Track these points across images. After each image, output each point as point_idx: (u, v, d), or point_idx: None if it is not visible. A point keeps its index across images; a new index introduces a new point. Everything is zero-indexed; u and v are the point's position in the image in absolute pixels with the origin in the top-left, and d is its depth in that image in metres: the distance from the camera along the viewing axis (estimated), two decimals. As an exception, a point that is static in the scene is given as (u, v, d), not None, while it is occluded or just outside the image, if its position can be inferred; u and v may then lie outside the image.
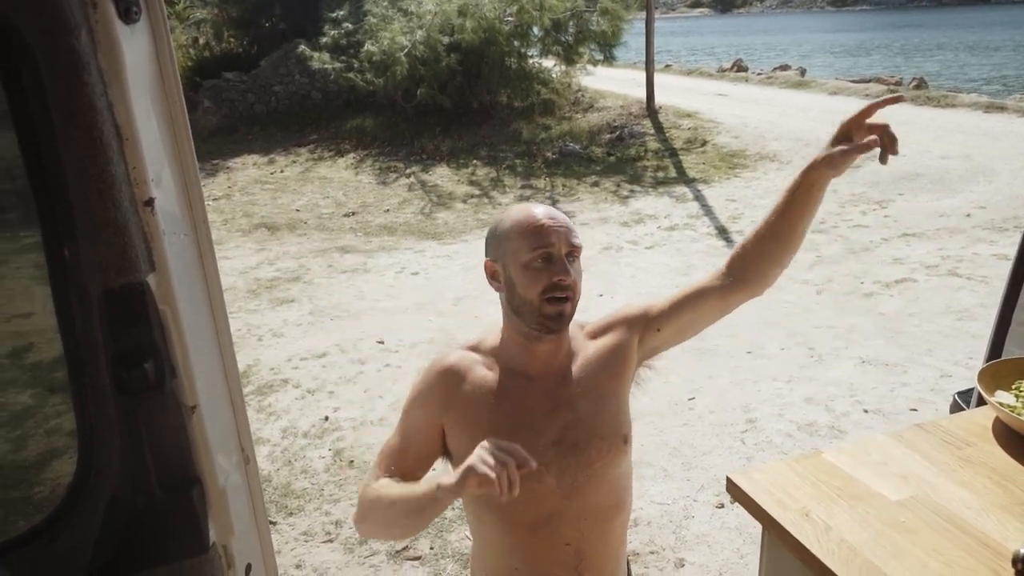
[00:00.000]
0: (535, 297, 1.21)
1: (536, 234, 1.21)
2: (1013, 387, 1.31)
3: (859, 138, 1.21)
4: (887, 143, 1.18)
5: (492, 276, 1.28)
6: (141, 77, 0.78)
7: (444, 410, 1.26)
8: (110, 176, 0.75)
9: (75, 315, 0.81)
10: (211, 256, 0.91)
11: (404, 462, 1.28)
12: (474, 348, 1.32)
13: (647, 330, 1.38)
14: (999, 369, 1.35)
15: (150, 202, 0.79)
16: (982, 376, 1.30)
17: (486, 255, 1.30)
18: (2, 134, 0.86)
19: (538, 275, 1.21)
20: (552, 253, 1.21)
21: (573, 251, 1.24)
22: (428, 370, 1.31)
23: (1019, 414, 1.23)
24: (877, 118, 1.22)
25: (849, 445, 1.28)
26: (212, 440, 0.89)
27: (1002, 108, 11.40)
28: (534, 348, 1.26)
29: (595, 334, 1.38)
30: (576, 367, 1.30)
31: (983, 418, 1.32)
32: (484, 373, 1.27)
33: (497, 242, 1.26)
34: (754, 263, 1.34)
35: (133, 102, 0.76)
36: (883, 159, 1.20)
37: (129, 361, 0.81)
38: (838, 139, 1.25)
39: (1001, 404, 1.25)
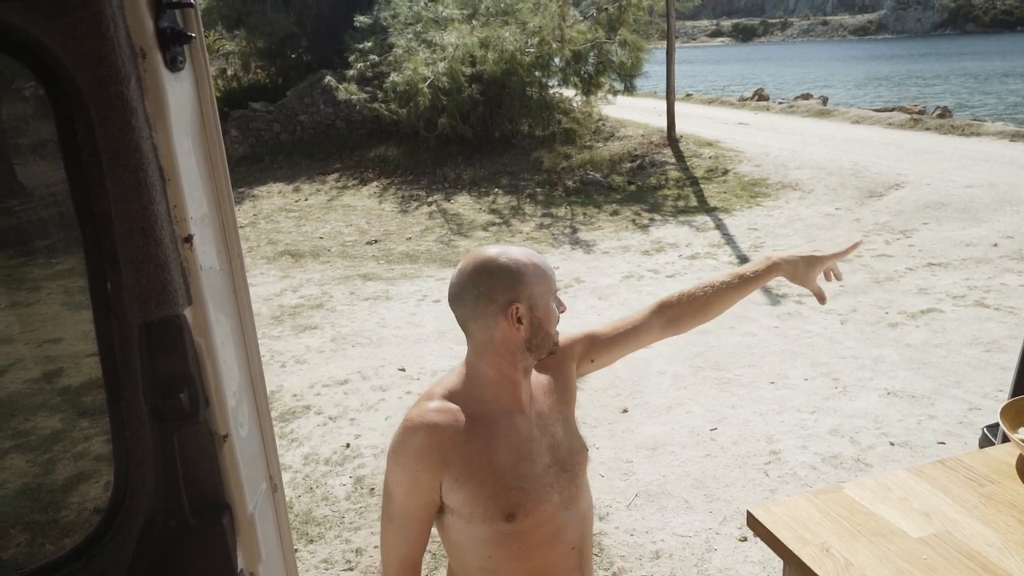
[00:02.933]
0: (553, 331, 1.32)
1: (552, 277, 1.32)
2: (1036, 424, 1.29)
3: (821, 268, 1.53)
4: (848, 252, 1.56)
5: (518, 320, 1.27)
6: (184, 121, 0.83)
7: (444, 466, 1.25)
8: (153, 214, 0.79)
9: (115, 345, 0.85)
10: (245, 291, 0.95)
11: (414, 547, 1.32)
12: (447, 397, 1.31)
13: (583, 360, 1.48)
14: (1023, 405, 1.34)
15: (189, 239, 0.83)
16: (1005, 412, 1.29)
17: (498, 299, 1.26)
18: (33, 163, 0.91)
19: (555, 312, 1.32)
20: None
21: None
22: (411, 429, 1.27)
23: (1042, 452, 1.22)
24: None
25: (871, 480, 1.27)
26: (242, 468, 0.92)
27: (1028, 137, 11.28)
28: (520, 382, 1.33)
29: (552, 358, 1.43)
30: (542, 394, 1.39)
31: (1007, 455, 1.30)
32: (471, 419, 1.28)
33: (521, 285, 1.26)
34: (684, 318, 1.51)
35: (176, 145, 0.81)
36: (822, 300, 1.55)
37: (165, 390, 0.85)
38: (806, 259, 1.51)
39: (1024, 441, 1.24)
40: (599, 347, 1.47)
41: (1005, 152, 10.44)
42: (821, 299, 1.53)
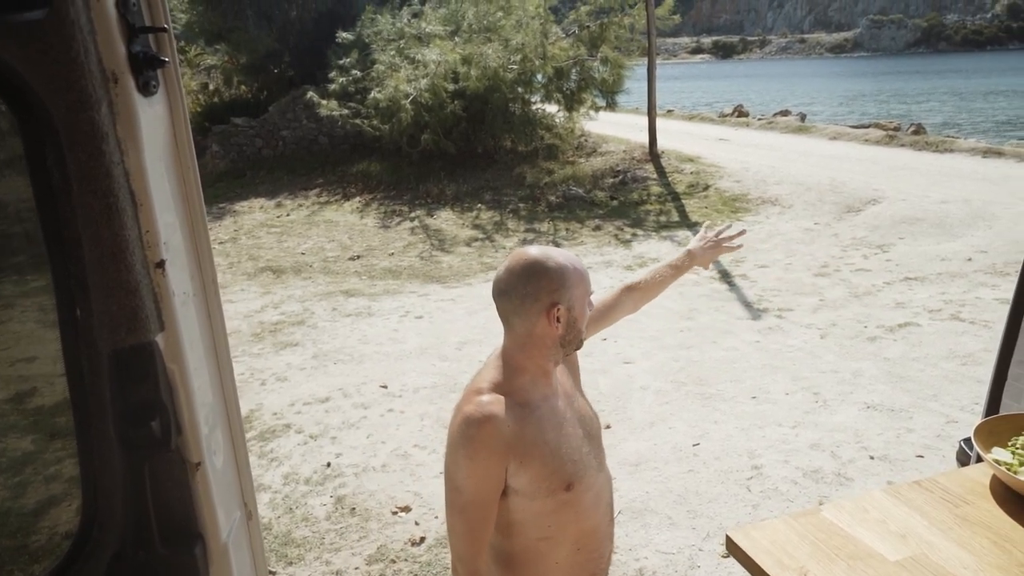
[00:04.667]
0: (583, 329, 1.47)
1: (589, 280, 1.47)
2: (1009, 444, 1.30)
3: (719, 254, 1.97)
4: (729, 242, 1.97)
5: (556, 320, 1.39)
6: (157, 145, 0.82)
7: (508, 452, 1.36)
8: (124, 240, 0.78)
9: (84, 372, 0.83)
10: (219, 315, 0.93)
11: (487, 531, 1.41)
12: (495, 390, 1.40)
13: None
14: (996, 425, 1.34)
15: (161, 264, 0.82)
16: (979, 432, 1.30)
17: (542, 299, 1.37)
18: (8, 177, 0.89)
19: (587, 312, 1.47)
20: None
21: None
22: (476, 427, 1.35)
23: (1016, 472, 1.23)
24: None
25: (848, 502, 1.27)
26: (215, 496, 0.90)
27: (1000, 153, 11.53)
28: (552, 371, 1.47)
29: None
30: (562, 378, 1.55)
31: (981, 475, 1.31)
32: (521, 406, 1.39)
33: (564, 288, 1.39)
34: (640, 300, 1.84)
35: (148, 169, 0.80)
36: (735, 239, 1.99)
37: (136, 418, 0.83)
38: (712, 249, 1.94)
39: (997, 462, 1.25)
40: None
41: (977, 168, 10.64)
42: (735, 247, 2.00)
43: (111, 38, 0.74)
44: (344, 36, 12.88)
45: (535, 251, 1.40)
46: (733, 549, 1.23)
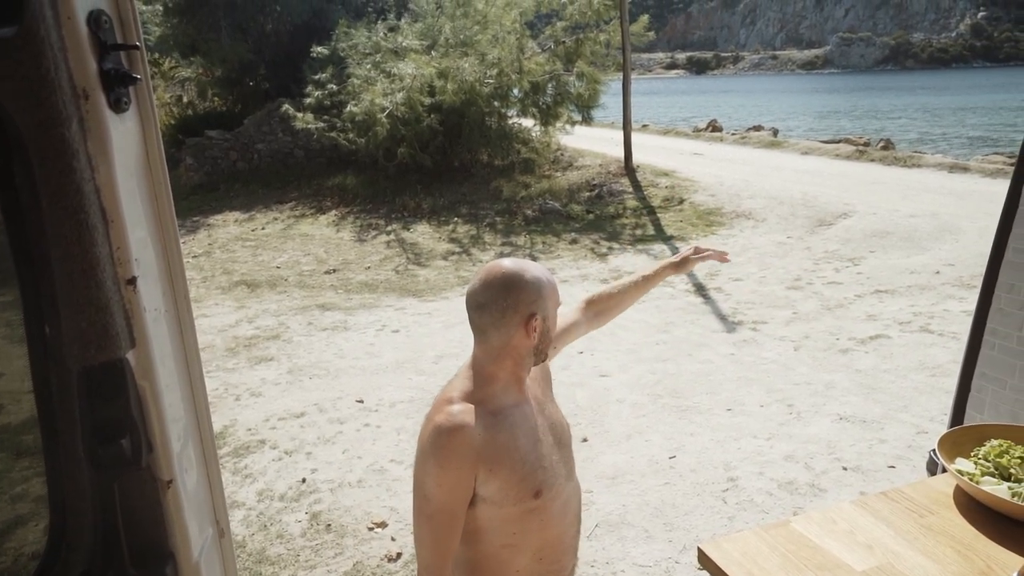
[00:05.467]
0: (552, 338, 1.49)
1: (558, 290, 1.48)
2: (972, 454, 1.33)
3: (693, 267, 1.86)
4: (718, 256, 1.85)
5: (533, 330, 1.42)
6: (128, 161, 0.82)
7: (479, 461, 1.37)
8: (94, 257, 0.77)
9: (52, 390, 0.82)
10: (191, 332, 0.93)
11: (453, 540, 1.41)
12: (465, 399, 1.42)
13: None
14: (959, 436, 1.38)
15: (132, 281, 0.81)
16: (943, 443, 1.33)
17: (521, 311, 1.40)
18: None
19: (556, 322, 1.50)
20: None
21: None
22: (446, 436, 1.36)
23: (978, 482, 1.26)
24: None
25: (817, 514, 1.29)
26: (187, 515, 0.90)
27: (965, 168, 11.82)
28: (524, 378, 1.48)
29: None
30: (533, 385, 1.55)
31: (945, 485, 1.34)
32: (491, 416, 1.40)
33: (541, 300, 1.42)
34: (606, 312, 1.81)
35: (119, 185, 0.79)
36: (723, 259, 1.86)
37: (106, 436, 0.82)
38: (686, 262, 1.85)
39: (961, 472, 1.28)
40: (556, 341, 1.65)
41: (944, 183, 10.90)
42: (712, 258, 1.88)
43: (82, 55, 0.74)
44: (319, 50, 12.87)
45: (510, 264, 1.42)
46: (705, 562, 1.25)
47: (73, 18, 0.72)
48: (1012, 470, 1.26)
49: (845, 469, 3.76)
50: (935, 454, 2.33)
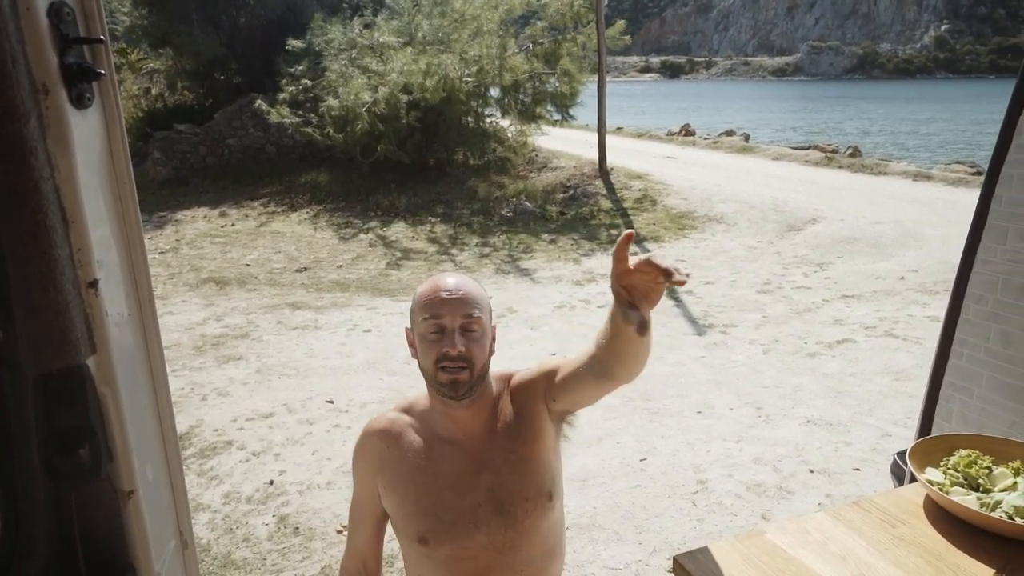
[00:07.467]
0: (431, 366, 1.28)
1: (430, 306, 1.27)
2: (941, 464, 1.35)
3: (636, 281, 1.10)
4: (665, 276, 1.04)
5: (410, 344, 1.35)
6: (91, 160, 0.78)
7: (379, 471, 1.35)
8: (52, 258, 0.74)
9: (7, 397, 0.79)
10: (156, 336, 0.90)
11: (363, 539, 1.43)
12: (406, 410, 1.40)
13: (547, 400, 1.38)
14: (929, 446, 1.40)
15: (94, 284, 0.78)
16: (913, 453, 1.35)
17: (410, 323, 1.37)
18: None
19: (432, 346, 1.27)
20: (444, 325, 1.26)
21: (469, 323, 1.27)
22: (364, 433, 1.42)
23: (947, 492, 1.28)
24: (634, 262, 1.09)
25: (791, 524, 1.30)
26: (149, 526, 0.86)
27: (928, 177, 12.09)
28: (452, 413, 1.32)
29: (515, 392, 1.38)
30: (498, 430, 1.34)
31: (915, 495, 1.36)
32: (413, 436, 1.35)
33: (411, 312, 1.34)
34: (613, 364, 1.24)
35: (81, 185, 0.76)
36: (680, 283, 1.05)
37: (63, 445, 0.79)
38: (619, 294, 1.13)
39: (931, 482, 1.30)
40: (556, 387, 1.34)
41: (908, 191, 11.13)
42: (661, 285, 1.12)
43: (42, 48, 0.71)
44: (295, 44, 12.71)
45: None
46: (680, 573, 1.24)
47: (32, 9, 0.69)
48: (980, 480, 1.28)
49: (812, 472, 3.81)
50: (899, 457, 2.37)
